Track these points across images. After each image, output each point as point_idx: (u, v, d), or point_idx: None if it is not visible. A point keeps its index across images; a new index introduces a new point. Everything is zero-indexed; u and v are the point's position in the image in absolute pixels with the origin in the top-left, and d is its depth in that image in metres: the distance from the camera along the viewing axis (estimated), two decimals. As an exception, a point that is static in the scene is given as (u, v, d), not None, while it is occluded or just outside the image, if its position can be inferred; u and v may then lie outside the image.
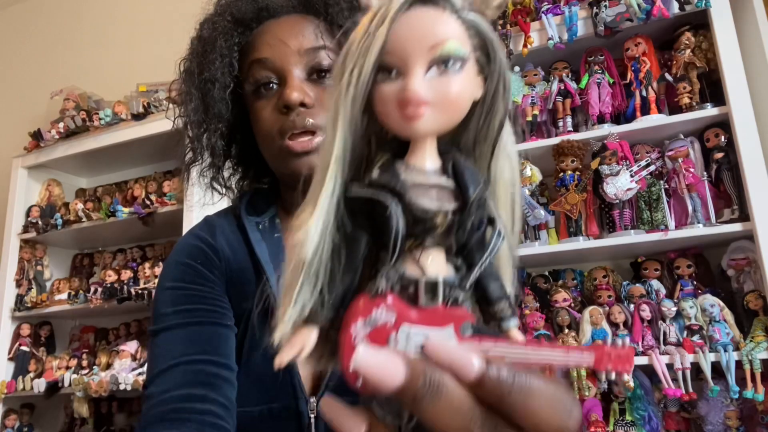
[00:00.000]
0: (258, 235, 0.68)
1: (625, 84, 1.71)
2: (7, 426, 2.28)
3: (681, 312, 1.52)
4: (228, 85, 0.68)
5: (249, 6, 0.69)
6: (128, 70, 2.82)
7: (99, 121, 2.27)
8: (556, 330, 1.64)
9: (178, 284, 0.69)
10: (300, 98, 0.63)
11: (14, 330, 2.35)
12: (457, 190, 0.28)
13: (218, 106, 0.69)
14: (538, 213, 1.67)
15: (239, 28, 0.70)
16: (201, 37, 0.71)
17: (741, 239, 1.52)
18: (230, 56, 0.68)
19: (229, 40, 0.69)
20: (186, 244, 0.72)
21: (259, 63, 0.66)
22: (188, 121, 0.71)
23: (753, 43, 1.59)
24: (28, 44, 3.30)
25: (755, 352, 1.38)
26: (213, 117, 0.69)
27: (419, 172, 0.28)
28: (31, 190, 2.50)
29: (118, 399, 2.31)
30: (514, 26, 1.78)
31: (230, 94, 0.69)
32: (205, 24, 0.72)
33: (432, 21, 0.28)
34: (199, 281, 0.68)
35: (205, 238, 0.71)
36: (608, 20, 1.64)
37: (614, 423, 1.54)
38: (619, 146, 1.62)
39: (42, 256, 2.47)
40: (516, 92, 1.78)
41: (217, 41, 0.68)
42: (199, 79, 0.69)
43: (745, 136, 1.47)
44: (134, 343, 2.24)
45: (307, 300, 0.27)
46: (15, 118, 3.06)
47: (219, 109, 0.69)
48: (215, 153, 0.71)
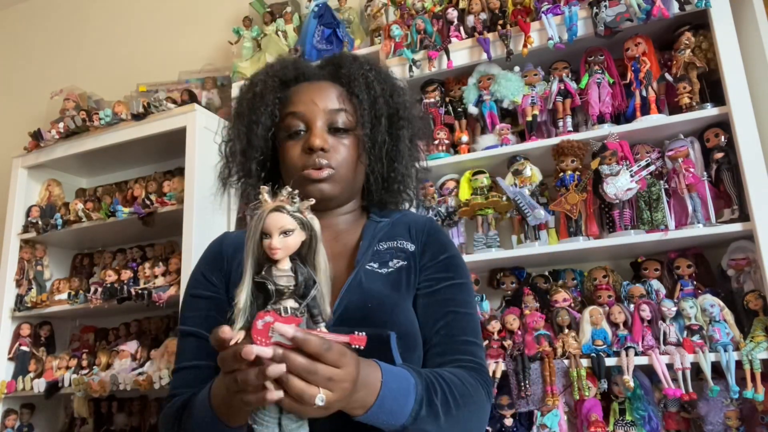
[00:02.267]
0: None
1: (625, 84, 1.71)
2: (7, 426, 2.28)
3: (681, 312, 1.52)
4: (269, 127, 0.92)
5: (291, 71, 0.94)
6: (128, 70, 2.83)
7: (99, 121, 2.27)
8: (556, 330, 1.64)
9: (191, 291, 0.92)
10: (321, 144, 0.86)
11: (14, 330, 2.34)
12: (295, 276, 0.62)
13: (259, 141, 0.92)
14: (538, 213, 1.67)
15: (281, 86, 0.93)
16: (253, 89, 0.94)
17: (741, 239, 1.52)
18: (273, 107, 0.91)
19: (273, 95, 0.92)
20: (201, 256, 0.96)
21: (294, 115, 0.90)
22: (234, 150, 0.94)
23: (753, 43, 1.59)
24: (28, 44, 3.30)
25: (755, 352, 1.38)
26: (253, 148, 0.92)
27: (280, 270, 0.62)
28: (31, 190, 2.50)
29: (118, 399, 2.31)
30: (514, 26, 1.79)
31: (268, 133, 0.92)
32: (257, 80, 0.95)
33: (280, 218, 0.62)
34: (210, 287, 0.91)
35: (213, 248, 0.95)
36: (608, 20, 1.64)
37: (614, 423, 1.54)
38: (619, 146, 1.62)
39: (42, 256, 2.47)
40: (516, 92, 1.78)
41: (264, 96, 0.92)
42: (248, 119, 0.92)
43: (745, 136, 1.47)
44: (134, 343, 2.24)
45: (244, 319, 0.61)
46: (15, 118, 3.06)
47: (259, 144, 0.92)
48: (251, 174, 0.94)
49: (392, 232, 0.92)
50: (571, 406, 1.58)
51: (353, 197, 0.96)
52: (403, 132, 0.94)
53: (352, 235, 0.93)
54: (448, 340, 0.84)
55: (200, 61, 2.61)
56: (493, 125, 1.83)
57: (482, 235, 1.78)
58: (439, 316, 0.86)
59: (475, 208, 1.77)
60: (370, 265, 0.87)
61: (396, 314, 0.82)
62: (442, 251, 0.91)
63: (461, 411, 0.76)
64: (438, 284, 0.88)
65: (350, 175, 0.90)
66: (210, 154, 2.15)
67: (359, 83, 0.90)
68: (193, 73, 2.54)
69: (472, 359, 0.84)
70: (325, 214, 0.90)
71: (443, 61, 1.86)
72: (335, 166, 0.88)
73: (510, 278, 1.82)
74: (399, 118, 0.93)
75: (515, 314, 1.67)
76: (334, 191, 0.89)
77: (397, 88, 0.96)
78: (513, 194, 1.71)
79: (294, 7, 2.39)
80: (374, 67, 0.95)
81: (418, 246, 0.91)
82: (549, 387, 1.53)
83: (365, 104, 0.90)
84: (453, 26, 1.91)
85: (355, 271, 0.85)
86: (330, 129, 0.89)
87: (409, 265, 0.88)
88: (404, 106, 0.95)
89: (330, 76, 0.94)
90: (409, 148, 0.96)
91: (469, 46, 1.84)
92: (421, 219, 0.96)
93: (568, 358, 1.55)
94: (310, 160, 0.87)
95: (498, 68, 1.83)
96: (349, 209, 0.96)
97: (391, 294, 0.85)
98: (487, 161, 1.82)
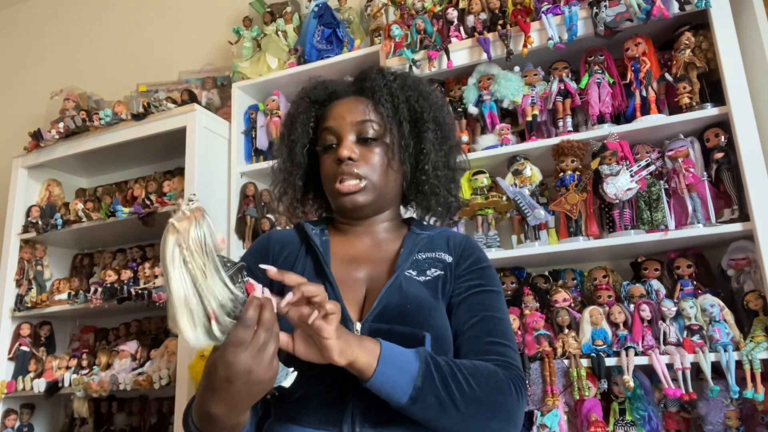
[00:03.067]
0: (313, 232, 0.98)
1: (625, 84, 1.71)
2: (7, 426, 2.28)
3: (681, 312, 1.52)
4: (306, 144, 1.00)
5: (322, 92, 1.03)
6: (128, 70, 2.83)
7: (99, 121, 2.27)
8: (556, 330, 1.64)
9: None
10: (348, 154, 0.92)
11: (14, 330, 2.35)
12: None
13: (299, 158, 1.00)
14: (538, 213, 1.67)
15: (315, 106, 1.02)
16: (290, 112, 1.04)
17: (741, 239, 1.52)
18: (308, 126, 1.01)
19: (308, 115, 1.01)
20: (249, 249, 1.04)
21: (327, 130, 0.97)
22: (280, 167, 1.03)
23: (753, 43, 1.59)
24: (28, 44, 3.30)
25: (755, 352, 1.38)
26: (295, 165, 1.01)
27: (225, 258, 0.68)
28: (31, 190, 2.50)
29: (117, 399, 2.32)
30: (514, 26, 1.79)
31: (308, 151, 1.01)
32: (294, 103, 1.04)
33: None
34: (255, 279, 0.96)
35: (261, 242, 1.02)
36: (608, 20, 1.64)
37: (614, 423, 1.54)
38: (619, 146, 1.62)
39: (42, 256, 2.47)
40: (516, 92, 1.78)
41: (299, 116, 1.01)
42: (288, 140, 1.02)
43: (745, 136, 1.47)
44: (134, 343, 2.24)
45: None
46: (15, 118, 3.06)
47: (299, 161, 1.01)
48: (296, 188, 1.03)
49: (431, 245, 0.97)
50: (571, 406, 1.59)
51: (390, 204, 1.00)
52: (427, 134, 0.97)
53: (393, 244, 0.98)
54: (477, 341, 0.86)
55: (200, 61, 2.61)
56: (493, 125, 1.83)
57: (482, 235, 1.78)
58: (470, 319, 0.89)
59: (475, 208, 1.78)
60: (409, 272, 0.91)
61: (433, 317, 0.85)
62: (477, 262, 0.96)
63: (477, 391, 0.76)
64: (471, 290, 0.92)
65: (382, 182, 0.95)
66: (210, 154, 2.16)
67: (382, 93, 0.96)
68: (193, 73, 2.55)
69: (501, 358, 0.85)
70: (364, 222, 0.99)
71: (443, 61, 1.86)
72: (366, 174, 0.93)
73: (510, 278, 1.82)
74: (424, 122, 0.97)
75: (515, 314, 1.67)
76: (367, 200, 0.94)
77: (424, 93, 0.99)
78: (513, 194, 1.71)
79: (294, 7, 2.39)
80: (399, 76, 1.00)
81: (455, 257, 0.95)
82: (549, 387, 1.53)
83: (390, 112, 0.95)
84: (453, 26, 1.91)
85: (396, 275, 0.89)
86: (359, 140, 0.95)
87: (446, 275, 0.93)
88: (429, 109, 0.98)
89: (357, 90, 1.01)
90: (437, 150, 0.98)
91: (469, 46, 1.84)
92: (459, 235, 1.02)
93: (568, 358, 1.55)
94: (339, 170, 0.93)
95: (498, 68, 1.83)
96: (388, 217, 1.01)
97: (428, 298, 0.89)
98: (487, 161, 1.82)
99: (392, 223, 1.01)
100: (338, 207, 0.98)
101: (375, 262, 0.94)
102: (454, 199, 1.03)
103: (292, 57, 2.23)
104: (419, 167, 0.98)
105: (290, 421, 0.78)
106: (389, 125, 0.95)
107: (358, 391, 0.77)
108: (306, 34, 2.20)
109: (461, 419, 0.75)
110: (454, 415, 0.75)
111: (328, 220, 1.06)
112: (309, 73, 2.17)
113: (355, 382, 0.76)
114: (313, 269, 0.92)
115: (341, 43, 2.19)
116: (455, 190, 1.03)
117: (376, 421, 0.79)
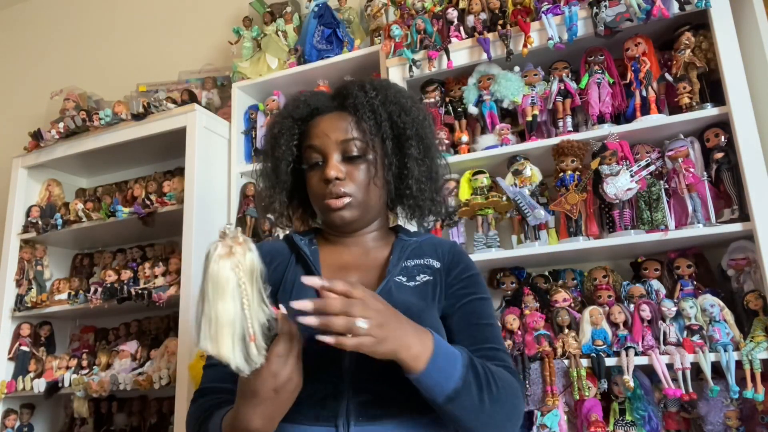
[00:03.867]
0: (302, 242, 1.01)
1: (625, 84, 1.71)
2: (7, 426, 2.28)
3: (681, 312, 1.52)
4: (290, 162, 1.01)
5: (305, 109, 1.02)
6: (128, 70, 2.83)
7: (99, 121, 2.27)
8: (556, 330, 1.64)
9: None
10: (335, 174, 0.94)
11: (14, 330, 2.34)
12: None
13: (283, 175, 1.01)
14: (538, 213, 1.67)
15: (298, 123, 1.02)
16: (273, 132, 1.03)
17: (741, 239, 1.52)
18: (292, 144, 1.01)
19: (291, 133, 1.01)
20: None
21: (311, 148, 0.98)
22: (265, 185, 1.04)
23: (753, 43, 1.59)
24: (28, 44, 3.30)
25: (755, 352, 1.38)
26: (279, 182, 1.02)
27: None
28: (31, 190, 2.50)
29: (117, 399, 2.32)
30: (514, 26, 1.78)
31: (292, 168, 1.02)
32: (276, 121, 1.04)
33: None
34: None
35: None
36: (608, 20, 1.64)
37: (614, 423, 1.54)
38: (619, 146, 1.62)
39: (42, 256, 2.47)
40: (516, 92, 1.78)
41: (283, 135, 1.01)
42: (272, 158, 1.02)
43: (745, 136, 1.47)
44: (134, 343, 2.24)
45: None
46: (15, 118, 3.06)
47: (283, 178, 1.01)
48: (281, 204, 1.04)
49: (419, 251, 1.00)
50: (571, 406, 1.58)
51: (376, 216, 1.03)
52: (410, 151, 0.98)
53: (382, 252, 1.01)
54: (476, 349, 0.89)
55: (200, 61, 2.61)
56: (493, 125, 1.83)
57: (482, 235, 1.78)
58: (467, 328, 0.93)
59: (475, 208, 1.78)
60: (399, 278, 0.94)
61: (423, 320, 0.86)
62: (465, 270, 0.99)
63: (501, 393, 0.81)
64: (463, 299, 0.95)
65: (367, 198, 0.97)
66: (210, 154, 2.16)
67: (365, 110, 0.96)
68: (193, 73, 2.55)
69: (503, 363, 0.90)
70: (353, 235, 1.01)
71: (443, 61, 1.86)
72: (352, 192, 0.95)
73: (510, 278, 1.82)
74: (406, 138, 0.98)
75: (515, 314, 1.67)
76: (354, 215, 0.96)
77: (405, 107, 1.00)
78: (513, 194, 1.71)
79: (294, 7, 2.39)
80: (381, 91, 0.99)
81: (444, 264, 0.98)
82: (549, 387, 1.53)
83: (372, 129, 0.96)
84: (453, 26, 1.91)
85: (386, 281, 0.93)
86: (344, 158, 0.97)
87: (435, 280, 0.96)
88: (411, 124, 0.99)
89: (340, 106, 1.01)
90: (420, 165, 1.00)
91: (469, 46, 1.84)
92: (446, 242, 1.05)
93: (568, 358, 1.55)
94: (327, 189, 0.95)
95: (498, 68, 1.83)
96: (375, 227, 1.03)
97: (417, 302, 0.92)
98: (487, 161, 1.82)
99: (380, 232, 1.04)
100: (327, 222, 1.01)
101: (365, 269, 0.97)
102: (440, 206, 1.05)
103: (292, 57, 2.23)
104: (403, 182, 1.00)
105: (285, 419, 0.78)
106: (372, 142, 0.96)
107: (353, 387, 0.81)
108: (306, 34, 2.20)
109: (485, 420, 0.80)
110: (479, 417, 0.79)
111: (316, 231, 1.08)
112: (309, 73, 2.19)
113: (350, 377, 0.81)
114: None
115: (341, 43, 2.19)
116: (440, 196, 1.05)
117: (371, 415, 0.81)
